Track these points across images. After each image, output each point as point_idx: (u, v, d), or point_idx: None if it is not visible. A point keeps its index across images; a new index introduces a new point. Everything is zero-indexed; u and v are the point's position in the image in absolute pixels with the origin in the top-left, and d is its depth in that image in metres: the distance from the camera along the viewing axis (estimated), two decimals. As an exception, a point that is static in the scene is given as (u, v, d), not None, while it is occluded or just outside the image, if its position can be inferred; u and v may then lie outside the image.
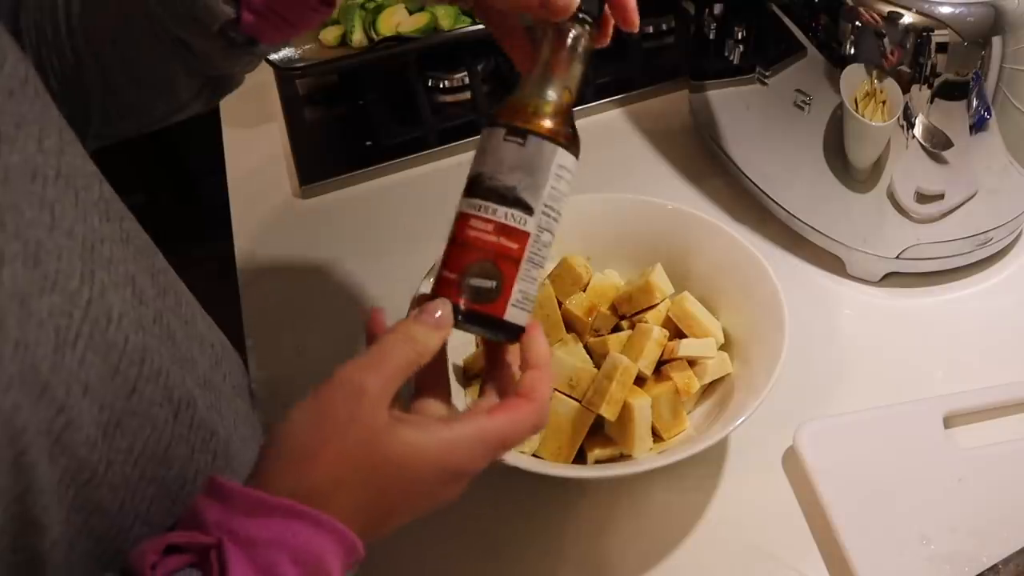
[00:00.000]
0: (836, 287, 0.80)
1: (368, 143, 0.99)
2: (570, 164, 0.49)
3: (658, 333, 0.66)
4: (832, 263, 0.81)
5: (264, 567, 0.39)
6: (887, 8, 0.66)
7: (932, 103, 0.68)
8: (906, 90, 0.68)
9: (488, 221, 0.47)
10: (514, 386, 0.48)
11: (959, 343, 0.75)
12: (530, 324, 0.49)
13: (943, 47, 0.66)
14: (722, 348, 0.69)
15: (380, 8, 0.97)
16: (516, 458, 0.60)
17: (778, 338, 0.64)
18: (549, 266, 0.70)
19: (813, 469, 0.64)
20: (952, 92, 0.67)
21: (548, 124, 0.48)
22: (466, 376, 0.70)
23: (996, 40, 0.65)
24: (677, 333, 0.68)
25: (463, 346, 0.70)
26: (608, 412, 0.62)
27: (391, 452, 0.43)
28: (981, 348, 0.74)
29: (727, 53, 0.82)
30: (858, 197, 0.75)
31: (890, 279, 0.79)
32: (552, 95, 0.49)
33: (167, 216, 1.62)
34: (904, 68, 0.67)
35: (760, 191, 0.84)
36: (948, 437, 0.67)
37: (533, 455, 0.63)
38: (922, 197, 0.73)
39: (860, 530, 0.61)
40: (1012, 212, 0.77)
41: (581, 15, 0.50)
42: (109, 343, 0.45)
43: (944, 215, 0.74)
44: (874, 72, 0.68)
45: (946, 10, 0.65)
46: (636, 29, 0.51)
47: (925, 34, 0.66)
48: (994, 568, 0.58)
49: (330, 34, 0.97)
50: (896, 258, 0.77)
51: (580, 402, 0.63)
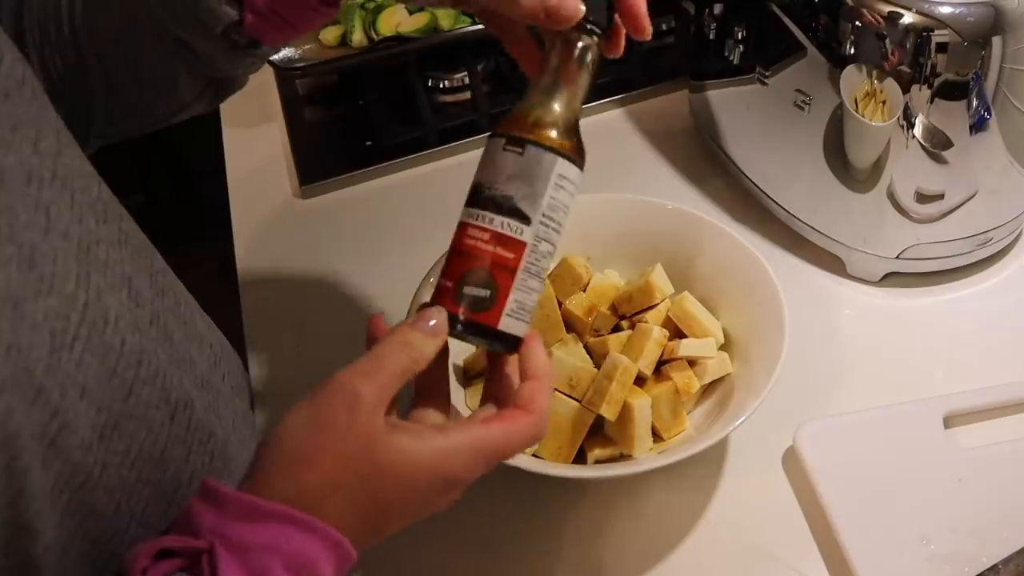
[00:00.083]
0: (836, 287, 0.80)
1: (368, 143, 0.98)
2: (573, 175, 0.48)
3: (658, 333, 0.65)
4: (832, 263, 0.81)
5: (257, 572, 0.39)
6: (887, 8, 0.66)
7: (932, 103, 0.68)
8: (906, 90, 0.67)
9: (484, 230, 0.47)
10: (512, 397, 0.48)
11: (959, 343, 0.75)
12: (529, 335, 0.49)
13: (943, 47, 0.66)
14: (722, 348, 0.69)
15: (380, 8, 0.97)
16: (516, 458, 0.60)
17: (778, 338, 0.64)
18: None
19: (813, 469, 0.64)
20: (952, 92, 0.67)
21: (548, 134, 0.47)
22: (466, 376, 0.70)
23: (996, 40, 0.65)
24: (677, 333, 0.68)
25: (464, 346, 0.70)
26: (608, 412, 0.62)
27: (386, 459, 0.43)
28: (981, 348, 0.74)
29: (727, 53, 0.82)
30: (858, 197, 0.75)
31: (890, 279, 0.79)
32: (555, 105, 0.48)
33: (167, 216, 1.63)
34: (904, 68, 0.67)
35: (760, 191, 0.84)
36: (948, 437, 0.67)
37: (533, 455, 0.63)
38: (922, 197, 0.73)
39: (860, 530, 0.61)
40: (1012, 212, 0.77)
41: (589, 26, 0.49)
42: (106, 345, 0.45)
43: (944, 215, 0.74)
44: (874, 72, 0.68)
45: (946, 10, 0.65)
46: (649, 37, 0.50)
47: (925, 34, 0.65)
48: (994, 568, 0.58)
49: (330, 34, 0.97)
50: (896, 258, 0.77)
51: (580, 402, 0.63)
